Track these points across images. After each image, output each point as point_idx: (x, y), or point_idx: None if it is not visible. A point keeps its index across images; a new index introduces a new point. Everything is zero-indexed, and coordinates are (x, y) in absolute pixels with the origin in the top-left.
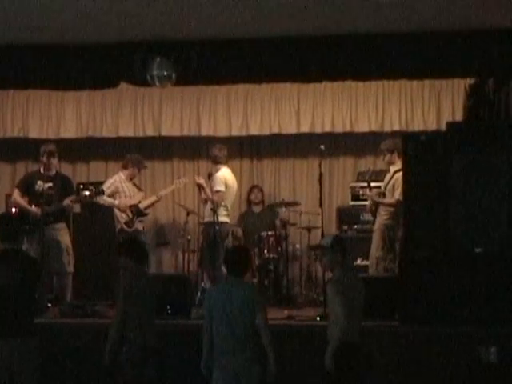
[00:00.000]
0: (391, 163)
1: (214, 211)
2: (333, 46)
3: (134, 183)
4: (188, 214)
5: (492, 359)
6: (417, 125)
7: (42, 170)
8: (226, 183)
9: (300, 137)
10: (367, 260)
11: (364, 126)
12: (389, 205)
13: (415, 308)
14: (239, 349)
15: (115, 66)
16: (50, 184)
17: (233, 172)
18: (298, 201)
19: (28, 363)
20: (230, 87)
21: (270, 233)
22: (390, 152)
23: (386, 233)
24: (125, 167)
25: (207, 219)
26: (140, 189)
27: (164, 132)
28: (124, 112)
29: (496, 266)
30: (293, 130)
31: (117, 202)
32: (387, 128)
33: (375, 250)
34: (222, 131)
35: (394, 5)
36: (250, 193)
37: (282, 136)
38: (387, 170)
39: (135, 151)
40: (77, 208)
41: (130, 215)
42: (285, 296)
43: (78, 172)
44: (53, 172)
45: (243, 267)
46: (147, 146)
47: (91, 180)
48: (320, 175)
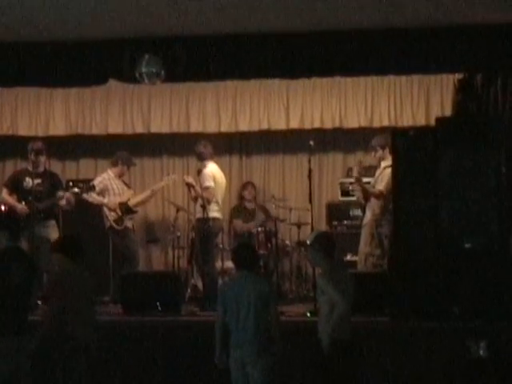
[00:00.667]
0: (382, 159)
1: (204, 207)
2: (322, 42)
3: (123, 181)
4: (177, 211)
5: (482, 354)
6: (406, 120)
7: (31, 168)
8: (215, 178)
9: (289, 133)
10: (357, 256)
11: (353, 122)
12: (372, 193)
13: (405, 303)
14: (250, 341)
15: (104, 63)
16: (39, 181)
17: (222, 168)
18: (288, 197)
19: (28, 360)
20: (219, 84)
21: (260, 229)
22: (382, 148)
23: (375, 228)
24: (114, 165)
25: (198, 215)
26: (129, 186)
27: (153, 129)
28: (113, 109)
29: (485, 261)
30: (282, 126)
31: (106, 201)
32: (376, 124)
33: (364, 246)
34: (211, 128)
35: (383, 1)
36: (243, 189)
37: (272, 132)
38: (377, 166)
39: (124, 148)
40: (72, 201)
41: (120, 213)
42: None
43: (68, 169)
44: (41, 169)
45: (253, 261)
46: (136, 143)
47: (80, 177)
48: (309, 171)
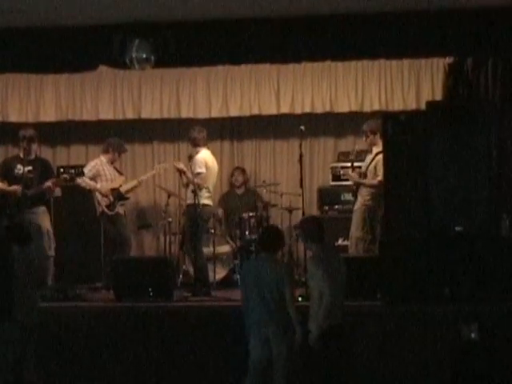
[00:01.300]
0: (373, 144)
1: (196, 193)
2: (312, 27)
3: (115, 167)
4: (169, 197)
5: (473, 336)
6: (396, 104)
7: (22, 155)
8: (207, 165)
9: (280, 118)
10: (348, 240)
11: (344, 107)
12: (371, 186)
13: (396, 288)
14: (270, 319)
15: (94, 49)
16: (30, 168)
17: (213, 154)
18: (279, 182)
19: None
20: (210, 69)
21: (252, 214)
22: (373, 133)
23: (367, 213)
24: (105, 151)
25: (189, 201)
26: (120, 173)
27: (144, 115)
28: (104, 95)
29: (476, 245)
30: (273, 111)
31: (98, 186)
32: (367, 108)
33: (355, 231)
34: (202, 113)
35: None
36: (232, 175)
37: (262, 117)
38: (368, 151)
39: (115, 134)
40: (57, 192)
41: (112, 199)
42: None
43: (58, 155)
44: (32, 156)
45: (274, 245)
46: (127, 129)
47: (71, 163)
48: (300, 156)
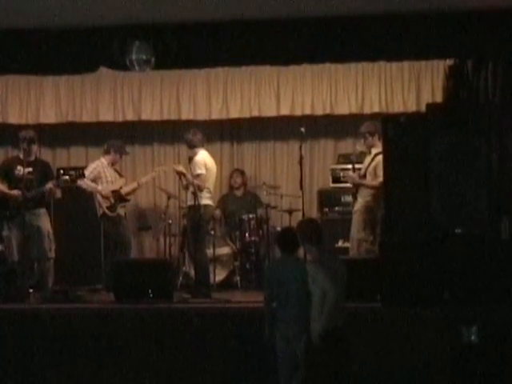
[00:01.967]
0: (372, 146)
1: (196, 194)
2: (312, 29)
3: (116, 169)
4: (169, 198)
5: (473, 339)
6: (397, 106)
7: (22, 156)
8: (206, 166)
9: (280, 119)
10: (348, 242)
11: (344, 109)
12: (371, 187)
13: (397, 290)
14: (296, 318)
15: (94, 51)
16: (30, 169)
17: (213, 156)
18: (279, 184)
19: None
20: (210, 71)
21: (251, 216)
22: (371, 135)
23: (367, 214)
24: (106, 153)
25: (190, 203)
26: (121, 175)
27: (144, 116)
28: (104, 97)
29: (476, 247)
30: (273, 113)
31: (100, 188)
32: (367, 110)
33: (356, 232)
34: (202, 115)
35: None
36: (230, 177)
37: (262, 119)
38: (367, 152)
39: (115, 136)
40: (57, 193)
41: (112, 201)
42: None
43: (58, 157)
44: (32, 158)
45: (296, 245)
46: (127, 131)
47: (71, 165)
48: (300, 158)
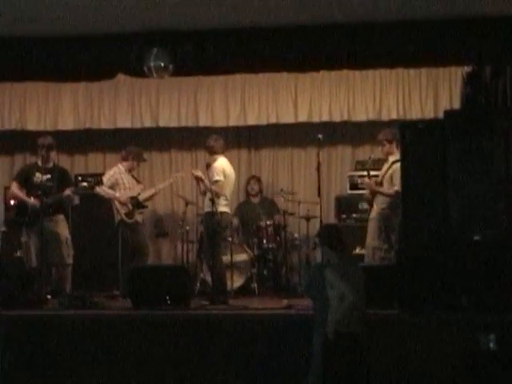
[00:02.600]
0: (390, 153)
1: (213, 201)
2: (330, 35)
3: (133, 175)
4: (187, 205)
5: (491, 346)
6: (414, 113)
7: (40, 163)
8: (224, 173)
9: (298, 126)
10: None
11: (361, 115)
12: (387, 195)
13: (414, 296)
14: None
15: (112, 58)
16: (49, 176)
17: (231, 162)
18: (296, 190)
19: None
20: (228, 77)
21: (269, 222)
22: (389, 142)
23: (382, 222)
24: (124, 159)
25: (207, 209)
26: (139, 181)
27: (162, 123)
28: (122, 103)
29: (494, 253)
30: (290, 120)
31: (117, 194)
32: (385, 117)
33: (371, 240)
34: (220, 121)
35: None
36: (247, 184)
37: (280, 126)
38: (385, 160)
39: (133, 142)
40: (75, 200)
41: (130, 207)
42: (284, 285)
43: (76, 164)
44: (51, 164)
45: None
46: (145, 137)
47: (89, 172)
48: (318, 164)
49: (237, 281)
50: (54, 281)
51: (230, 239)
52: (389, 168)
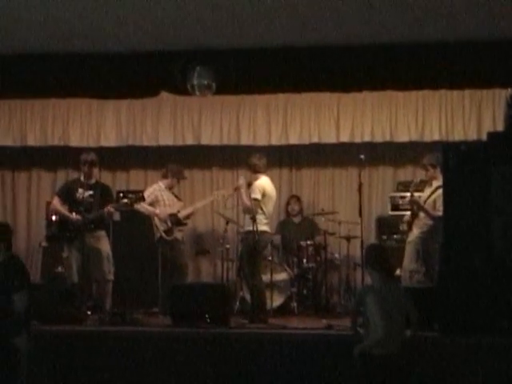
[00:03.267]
0: (433, 178)
1: (254, 220)
2: (373, 56)
3: (173, 193)
4: (227, 223)
5: None
6: (457, 135)
7: (83, 179)
8: (265, 192)
9: (339, 146)
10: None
11: (404, 136)
12: (430, 216)
13: (455, 319)
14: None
15: (156, 75)
16: (91, 192)
17: (272, 181)
18: (337, 210)
19: None
20: (270, 96)
21: (309, 242)
22: (433, 167)
23: (421, 246)
24: (165, 177)
25: (247, 228)
26: (179, 198)
27: (203, 141)
28: (164, 121)
29: None
30: (332, 140)
31: (157, 211)
32: (427, 138)
33: (409, 263)
34: (262, 140)
35: (434, 14)
36: (287, 204)
37: (322, 145)
38: (428, 184)
39: (175, 160)
40: (116, 216)
41: (170, 224)
42: (323, 305)
43: (118, 180)
44: (93, 180)
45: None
46: (187, 155)
47: (131, 188)
48: (360, 185)
49: (276, 300)
50: (95, 297)
51: (270, 258)
52: (432, 193)
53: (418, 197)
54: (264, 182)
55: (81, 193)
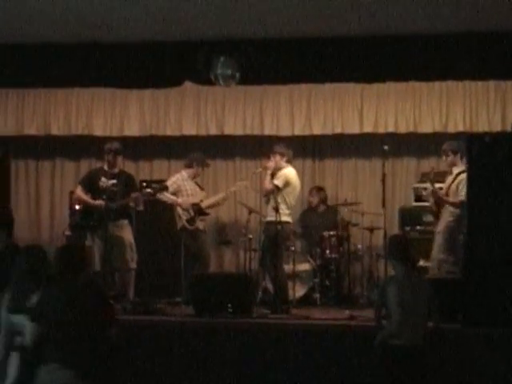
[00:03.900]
0: (454, 165)
1: (277, 210)
2: (396, 46)
3: (196, 182)
4: (250, 213)
5: None
6: (481, 126)
7: (106, 168)
8: (289, 181)
9: (363, 137)
10: (429, 261)
11: (427, 127)
12: (452, 204)
13: (479, 310)
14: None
15: (179, 65)
16: (114, 181)
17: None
18: (360, 201)
19: None
20: (293, 86)
21: (332, 233)
22: (454, 153)
23: (449, 235)
24: (188, 166)
25: (269, 218)
26: (202, 188)
27: (227, 131)
28: (187, 111)
29: None
30: (356, 130)
31: (179, 200)
32: (451, 129)
33: (437, 253)
34: (285, 130)
35: (458, 4)
36: (310, 194)
37: (345, 136)
38: (448, 172)
39: (198, 149)
40: (139, 206)
41: (192, 213)
42: (346, 296)
43: (141, 170)
44: (116, 169)
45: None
46: (210, 145)
47: (154, 178)
48: (383, 176)
49: (299, 290)
50: (118, 286)
51: (293, 248)
52: (454, 179)
53: (439, 188)
54: (289, 172)
55: (104, 181)
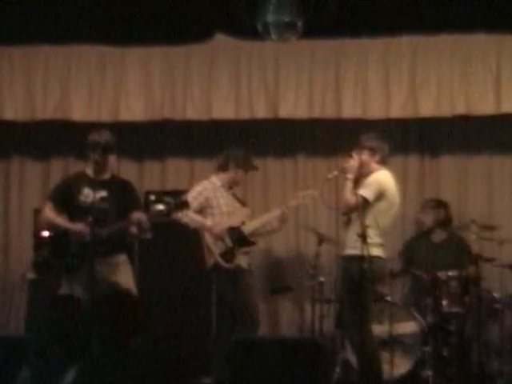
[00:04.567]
0: None
1: (364, 237)
2: None
3: (235, 194)
4: (320, 243)
5: None
6: None
7: (91, 173)
8: (384, 193)
9: (498, 120)
10: None
11: None
12: None
13: None
14: None
15: (207, 10)
16: (104, 193)
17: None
18: (497, 222)
19: None
20: (388, 41)
21: (453, 273)
22: None
23: None
24: (222, 168)
25: (351, 251)
26: (243, 203)
27: (282, 113)
28: (219, 82)
29: None
30: (488, 111)
31: (209, 223)
32: None
33: None
34: (376, 112)
35: None
36: (421, 211)
37: (471, 119)
38: None
39: (237, 143)
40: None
41: (229, 243)
42: (476, 375)
43: (148, 174)
44: (107, 175)
45: None
46: (256, 136)
47: (167, 188)
48: None
49: (400, 365)
50: None
51: (389, 298)
52: None
53: None
54: (384, 178)
55: (88, 195)
